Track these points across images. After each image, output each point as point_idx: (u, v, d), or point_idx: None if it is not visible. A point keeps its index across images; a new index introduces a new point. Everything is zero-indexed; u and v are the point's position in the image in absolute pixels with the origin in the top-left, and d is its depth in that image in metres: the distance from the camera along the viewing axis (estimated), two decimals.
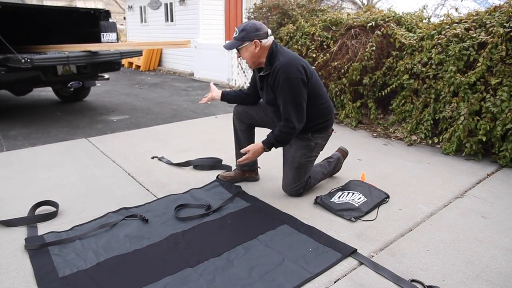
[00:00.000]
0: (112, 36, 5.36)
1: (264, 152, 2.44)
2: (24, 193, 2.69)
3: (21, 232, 2.17)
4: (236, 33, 2.35)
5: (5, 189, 2.77)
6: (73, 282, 1.73)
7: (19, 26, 5.16)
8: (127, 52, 5.27)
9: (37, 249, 1.98)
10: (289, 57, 2.31)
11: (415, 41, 3.93)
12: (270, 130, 2.50)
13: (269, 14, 6.39)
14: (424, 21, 4.42)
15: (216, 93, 2.73)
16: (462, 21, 3.66)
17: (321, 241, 2.06)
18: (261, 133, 2.81)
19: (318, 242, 2.06)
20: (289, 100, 2.27)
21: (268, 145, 2.39)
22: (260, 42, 2.30)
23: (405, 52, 4.04)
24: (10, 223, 2.24)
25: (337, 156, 2.93)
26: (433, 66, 3.67)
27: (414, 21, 4.32)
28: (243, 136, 2.76)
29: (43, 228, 2.21)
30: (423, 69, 3.75)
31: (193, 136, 4.10)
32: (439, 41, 3.64)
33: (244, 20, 8.45)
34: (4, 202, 2.55)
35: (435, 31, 3.78)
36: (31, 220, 2.28)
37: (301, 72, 2.27)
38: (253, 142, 2.81)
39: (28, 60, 3.97)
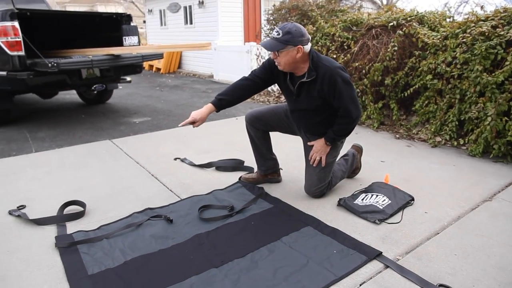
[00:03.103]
0: (134, 39, 5.46)
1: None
2: (52, 193, 2.76)
3: (51, 231, 2.23)
4: (278, 34, 2.23)
5: (34, 189, 2.85)
6: (101, 280, 1.77)
7: (45, 32, 5.30)
8: (149, 55, 5.36)
9: (67, 247, 2.04)
10: (332, 62, 2.34)
11: (438, 40, 3.85)
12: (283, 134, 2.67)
13: (288, 15, 6.40)
14: (447, 19, 4.34)
15: (208, 108, 2.46)
16: (489, 19, 3.57)
17: (345, 244, 2.05)
18: (283, 137, 2.83)
19: (343, 244, 2.04)
20: (348, 99, 2.31)
21: (330, 140, 2.48)
22: (303, 48, 2.25)
23: (428, 52, 3.97)
24: (40, 222, 2.31)
25: (352, 152, 2.91)
26: (458, 66, 3.60)
27: (437, 19, 4.25)
28: (260, 142, 2.76)
29: (71, 227, 2.27)
30: (448, 68, 3.68)
31: (215, 138, 4.13)
32: (464, 40, 3.56)
33: (263, 21, 8.46)
34: (34, 201, 2.63)
35: (460, 30, 3.70)
36: (60, 219, 2.35)
37: (347, 73, 2.34)
38: (270, 146, 2.82)
39: (55, 64, 4.08)
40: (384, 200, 2.48)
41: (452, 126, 3.70)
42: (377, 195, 2.54)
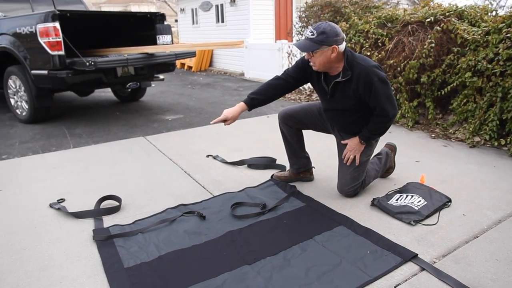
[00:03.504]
0: (167, 38, 5.56)
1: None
2: (90, 188, 2.86)
3: (89, 224, 2.31)
4: (313, 34, 2.20)
5: (73, 183, 2.96)
6: (137, 273, 1.81)
7: (83, 31, 5.48)
8: (182, 53, 5.44)
9: (104, 240, 2.10)
10: (368, 60, 2.30)
11: (479, 36, 3.69)
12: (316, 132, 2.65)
13: (320, 12, 6.33)
14: (490, 14, 4.15)
15: (240, 107, 2.49)
16: None
17: (379, 244, 2.01)
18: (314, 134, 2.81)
19: (377, 245, 2.01)
20: (384, 98, 2.27)
21: (365, 138, 2.45)
22: (337, 47, 2.23)
23: (467, 48, 3.82)
24: (79, 215, 2.40)
25: (385, 151, 2.85)
26: (501, 63, 3.43)
27: (478, 14, 4.07)
28: (293, 140, 2.74)
29: (108, 221, 2.34)
30: (489, 65, 3.52)
31: (246, 136, 4.15)
32: (509, 35, 3.40)
33: (295, 19, 8.41)
34: (73, 195, 2.73)
35: (504, 24, 3.52)
36: (97, 213, 2.43)
37: (383, 71, 2.30)
38: (303, 144, 2.80)
39: (92, 63, 4.21)
40: (420, 201, 2.41)
41: (492, 126, 3.54)
42: (412, 196, 2.47)
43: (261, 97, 2.50)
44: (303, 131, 2.77)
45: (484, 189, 2.67)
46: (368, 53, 4.62)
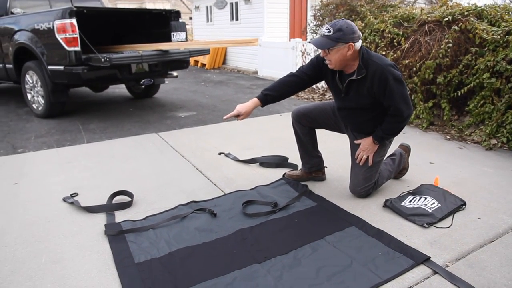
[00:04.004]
0: (181, 35, 5.58)
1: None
2: (102, 182, 2.89)
3: (101, 218, 2.34)
4: (329, 31, 2.18)
5: (86, 178, 2.99)
6: (147, 269, 1.82)
7: (99, 28, 5.54)
8: (196, 51, 5.47)
9: (115, 235, 2.12)
10: (383, 59, 2.28)
11: (499, 36, 3.61)
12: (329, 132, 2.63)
13: (335, 11, 6.28)
14: (511, 13, 4.05)
15: (254, 103, 2.48)
16: None
17: (391, 246, 1.98)
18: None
19: (388, 246, 1.98)
20: (399, 97, 2.25)
21: (379, 138, 2.42)
22: (354, 45, 2.21)
23: (486, 49, 3.74)
24: (91, 210, 2.42)
25: (399, 151, 2.81)
26: None
27: (498, 13, 3.98)
28: (305, 139, 2.73)
29: (119, 216, 2.36)
30: (508, 66, 3.44)
31: (258, 134, 4.14)
32: None
33: (309, 17, 8.36)
34: (86, 190, 2.77)
35: None
36: (110, 208, 2.45)
37: (398, 70, 2.28)
38: (316, 143, 2.78)
39: (107, 59, 4.25)
40: (433, 203, 2.37)
41: (510, 128, 3.46)
42: (425, 198, 2.43)
43: (274, 93, 2.49)
44: (316, 130, 2.75)
45: (501, 193, 2.61)
46: (384, 53, 4.57)
